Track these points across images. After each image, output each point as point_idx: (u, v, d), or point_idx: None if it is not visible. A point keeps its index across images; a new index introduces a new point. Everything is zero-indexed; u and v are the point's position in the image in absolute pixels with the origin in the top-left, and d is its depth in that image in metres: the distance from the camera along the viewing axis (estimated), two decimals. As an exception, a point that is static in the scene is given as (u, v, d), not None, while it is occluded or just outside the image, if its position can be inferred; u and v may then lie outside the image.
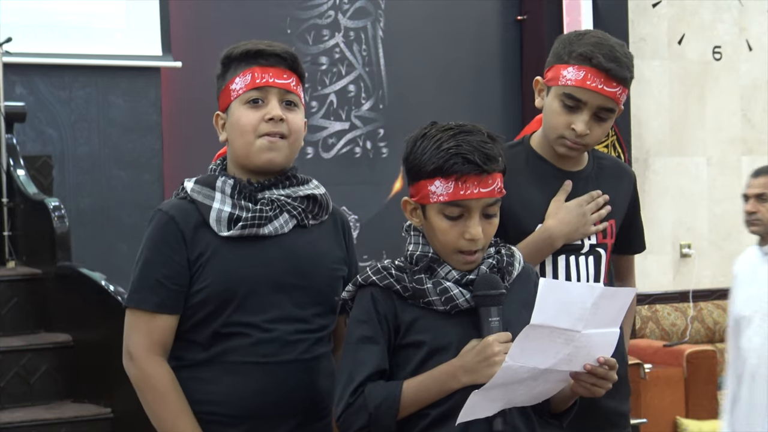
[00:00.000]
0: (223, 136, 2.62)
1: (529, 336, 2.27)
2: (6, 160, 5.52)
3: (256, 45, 2.59)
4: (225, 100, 2.60)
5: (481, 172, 2.36)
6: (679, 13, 7.63)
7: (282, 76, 2.58)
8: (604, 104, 2.80)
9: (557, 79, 2.82)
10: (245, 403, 2.51)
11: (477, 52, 7.11)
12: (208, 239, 2.52)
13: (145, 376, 2.51)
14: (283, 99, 2.58)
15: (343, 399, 2.38)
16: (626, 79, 2.82)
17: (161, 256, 2.51)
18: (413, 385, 2.37)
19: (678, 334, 7.31)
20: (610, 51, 2.80)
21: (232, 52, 2.60)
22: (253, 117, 2.55)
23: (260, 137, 2.55)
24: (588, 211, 2.86)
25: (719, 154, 7.77)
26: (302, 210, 2.59)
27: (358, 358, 2.39)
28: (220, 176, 2.58)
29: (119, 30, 6.17)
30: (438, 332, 2.39)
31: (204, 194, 2.56)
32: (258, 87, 2.56)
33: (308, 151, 6.61)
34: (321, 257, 2.61)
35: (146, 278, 2.52)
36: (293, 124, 2.58)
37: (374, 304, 2.40)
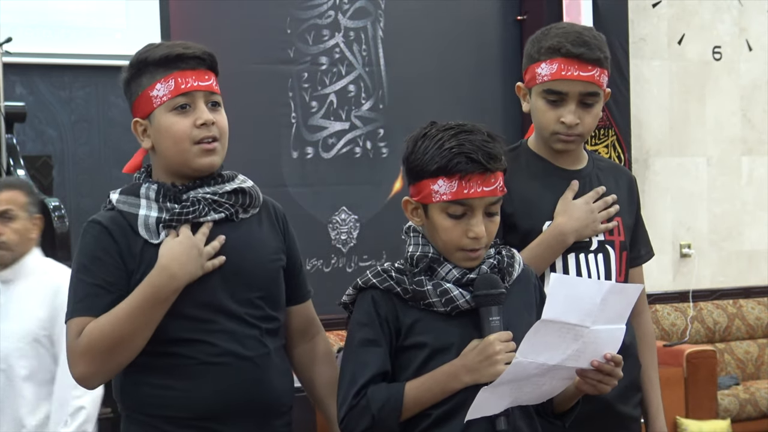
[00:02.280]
0: (147, 144, 2.60)
1: (539, 331, 2.28)
2: (6, 160, 5.52)
3: (173, 49, 2.54)
4: (145, 107, 2.56)
5: (484, 170, 2.37)
6: (679, 13, 7.63)
7: (204, 77, 2.55)
8: (585, 89, 2.81)
9: (534, 79, 2.84)
10: (198, 405, 2.49)
11: (477, 52, 7.11)
12: (141, 247, 2.50)
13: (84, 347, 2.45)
14: (208, 100, 2.56)
15: (345, 402, 2.39)
16: (600, 60, 2.81)
17: (101, 264, 2.49)
18: (415, 386, 2.37)
19: (678, 334, 7.31)
20: (578, 37, 2.80)
21: (147, 57, 2.55)
22: (184, 124, 2.53)
23: (196, 144, 2.53)
24: (596, 209, 2.86)
25: (719, 154, 7.77)
26: (230, 205, 2.57)
27: (360, 360, 2.39)
28: (144, 183, 2.57)
29: (119, 30, 6.17)
30: (439, 333, 2.39)
31: (129, 203, 2.55)
32: (183, 93, 2.53)
33: (308, 151, 6.61)
34: (256, 250, 2.59)
35: (88, 286, 2.49)
36: (221, 125, 2.57)
37: (375, 306, 2.41)
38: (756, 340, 7.59)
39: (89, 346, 2.45)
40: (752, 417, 6.96)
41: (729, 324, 7.53)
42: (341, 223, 6.71)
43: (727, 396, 6.90)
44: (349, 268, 6.66)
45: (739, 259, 7.82)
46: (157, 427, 2.51)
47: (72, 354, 2.48)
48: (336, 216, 6.69)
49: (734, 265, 7.81)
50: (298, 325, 2.72)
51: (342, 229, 6.71)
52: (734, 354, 7.45)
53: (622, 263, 2.93)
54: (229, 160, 2.67)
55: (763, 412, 6.99)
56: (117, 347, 2.45)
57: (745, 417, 6.92)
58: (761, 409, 6.98)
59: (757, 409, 6.97)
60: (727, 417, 6.79)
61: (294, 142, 6.55)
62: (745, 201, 7.85)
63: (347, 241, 6.72)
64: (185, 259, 2.44)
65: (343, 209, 6.72)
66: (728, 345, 7.48)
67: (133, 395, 2.54)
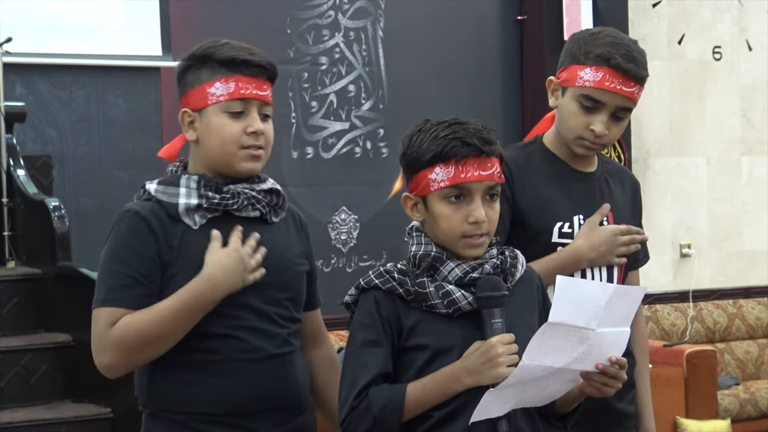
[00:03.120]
0: (192, 136, 2.60)
1: (545, 334, 2.28)
2: (6, 160, 5.53)
3: (240, 53, 2.56)
4: (198, 101, 2.57)
5: (479, 153, 2.38)
6: (679, 13, 7.62)
7: (263, 87, 2.59)
8: (622, 104, 2.80)
9: (574, 80, 2.81)
10: (230, 401, 2.51)
11: (477, 52, 7.11)
12: (177, 237, 2.52)
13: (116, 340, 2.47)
14: (261, 110, 2.59)
15: (347, 402, 2.38)
16: (643, 78, 2.82)
17: (137, 255, 2.50)
18: (417, 387, 2.37)
19: (678, 334, 7.31)
20: (627, 51, 2.79)
21: (213, 54, 2.56)
22: (235, 128, 2.55)
23: (242, 149, 2.56)
24: (620, 243, 2.83)
25: (719, 154, 7.77)
26: (266, 204, 2.60)
27: (361, 361, 2.39)
28: (183, 174, 2.59)
29: (119, 30, 6.17)
30: (441, 335, 2.39)
31: (169, 193, 2.56)
32: (241, 98, 2.55)
33: (308, 151, 6.61)
34: (286, 253, 2.62)
35: (121, 276, 2.50)
36: (269, 136, 2.61)
37: (377, 307, 2.40)
38: (756, 340, 7.58)
39: (122, 339, 2.47)
40: (752, 417, 6.96)
41: (729, 324, 7.53)
42: (341, 223, 6.71)
43: (727, 396, 6.90)
44: (349, 268, 6.66)
45: (739, 259, 7.82)
46: (184, 424, 2.52)
47: (101, 343, 2.50)
48: (336, 216, 6.69)
49: (734, 265, 7.81)
50: (310, 330, 2.76)
51: (342, 229, 6.71)
52: (734, 354, 7.45)
53: (622, 268, 2.93)
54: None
55: (763, 412, 6.99)
56: (150, 345, 2.47)
57: (745, 417, 6.91)
58: (761, 409, 6.98)
59: (757, 409, 6.97)
60: (727, 417, 6.79)
61: (294, 142, 6.55)
62: (745, 201, 7.84)
63: (347, 241, 6.72)
64: (230, 271, 2.47)
65: (343, 209, 6.72)
66: (728, 345, 7.47)
67: (161, 393, 2.55)
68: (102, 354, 2.51)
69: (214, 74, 2.55)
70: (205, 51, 2.58)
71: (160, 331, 2.46)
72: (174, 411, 2.53)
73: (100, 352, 2.52)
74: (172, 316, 2.46)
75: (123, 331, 2.47)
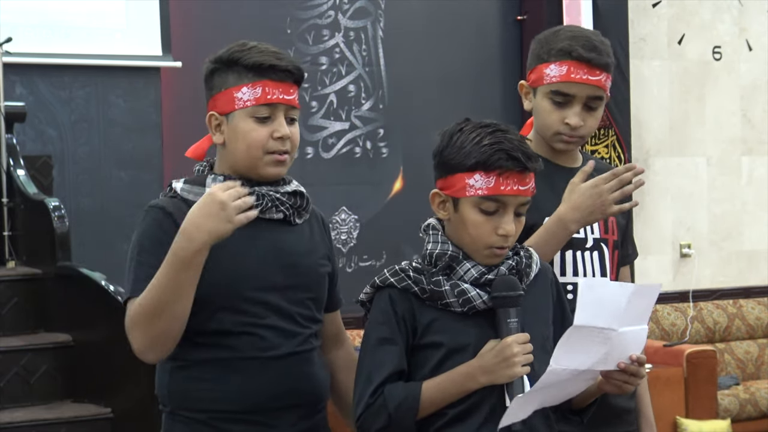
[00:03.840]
0: (219, 139, 2.61)
1: (571, 337, 2.31)
2: (6, 160, 5.53)
3: (268, 58, 2.57)
4: (225, 105, 2.58)
5: (523, 169, 2.40)
6: (679, 13, 7.63)
7: (289, 91, 2.59)
8: (592, 93, 2.84)
9: (542, 79, 2.87)
10: (250, 398, 2.52)
11: (477, 52, 7.11)
12: None
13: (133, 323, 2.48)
14: (288, 114, 2.60)
15: (362, 400, 2.40)
16: (608, 65, 2.85)
17: (161, 248, 2.49)
18: (432, 385, 2.39)
19: (678, 334, 7.31)
20: (588, 41, 2.83)
21: (240, 58, 2.57)
22: (262, 133, 2.56)
23: (268, 153, 2.57)
24: (606, 191, 2.74)
25: (719, 154, 7.77)
26: (290, 206, 2.61)
27: (376, 359, 2.41)
28: (209, 175, 2.60)
29: (119, 30, 6.17)
30: (456, 333, 2.40)
31: (195, 192, 2.57)
32: (268, 103, 2.56)
33: (308, 151, 6.61)
34: (309, 254, 2.64)
35: (148, 267, 2.50)
36: (295, 140, 2.61)
37: (392, 305, 2.42)
38: (756, 340, 7.59)
39: (133, 319, 2.48)
40: (752, 417, 6.96)
41: (729, 324, 7.53)
42: (341, 223, 6.71)
43: (727, 396, 6.90)
44: (349, 268, 6.66)
45: (739, 259, 7.82)
46: (204, 422, 2.53)
47: (129, 330, 2.51)
48: (336, 216, 6.69)
49: (734, 265, 7.81)
50: (331, 331, 2.77)
51: (342, 229, 6.71)
52: (734, 354, 7.45)
53: (614, 261, 2.94)
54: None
55: (763, 412, 6.99)
56: (156, 315, 2.45)
57: (745, 417, 6.92)
58: (761, 409, 6.98)
59: (757, 409, 6.97)
60: (727, 417, 6.79)
61: (294, 142, 6.54)
62: (745, 201, 7.85)
63: (347, 241, 6.72)
64: (203, 219, 2.41)
65: (343, 209, 6.72)
66: (728, 345, 7.48)
67: (181, 391, 2.55)
68: (133, 340, 2.51)
69: (241, 79, 2.56)
70: (232, 54, 2.59)
71: (158, 299, 2.44)
72: (194, 409, 2.54)
73: (131, 338, 2.52)
74: (161, 281, 2.44)
75: (132, 312, 2.48)
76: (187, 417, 2.55)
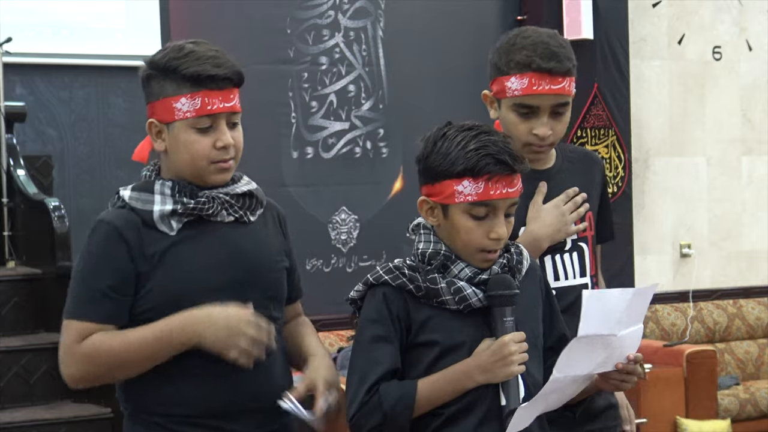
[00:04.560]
0: (161, 146, 2.58)
1: (574, 348, 2.33)
2: (6, 160, 5.53)
3: (205, 68, 2.51)
4: (165, 114, 2.53)
5: (511, 172, 2.40)
6: (679, 13, 7.62)
7: (230, 98, 2.55)
8: (557, 101, 2.81)
9: (504, 92, 2.83)
10: (205, 403, 2.50)
11: (477, 52, 7.08)
12: (153, 246, 2.51)
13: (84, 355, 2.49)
14: (229, 120, 2.57)
15: (356, 398, 2.39)
16: (570, 70, 2.81)
17: (107, 268, 2.49)
18: (428, 384, 2.38)
19: (678, 334, 7.31)
20: (546, 49, 2.78)
21: (177, 67, 2.51)
22: (205, 144, 2.52)
23: (212, 163, 2.54)
24: (566, 211, 2.85)
25: (719, 154, 7.77)
26: (239, 207, 2.58)
27: (371, 357, 2.40)
28: (158, 180, 2.57)
29: (119, 30, 6.18)
30: (451, 331, 2.40)
31: (143, 200, 2.55)
32: (208, 114, 2.52)
33: (308, 151, 6.60)
34: (265, 252, 2.62)
35: (91, 290, 2.50)
36: (239, 144, 2.58)
37: (386, 303, 2.41)
38: (756, 340, 7.58)
39: (90, 357, 2.48)
40: (752, 417, 6.96)
41: (729, 324, 7.53)
42: (341, 223, 6.71)
43: (727, 396, 6.90)
44: (348, 268, 6.66)
45: (739, 259, 7.82)
46: (162, 425, 2.52)
47: (70, 355, 2.51)
48: (336, 216, 6.69)
49: (734, 265, 7.81)
50: (291, 316, 2.76)
51: (342, 229, 6.70)
52: (734, 354, 7.45)
53: (595, 257, 2.95)
54: (229, 160, 2.66)
55: (763, 412, 6.99)
56: (118, 369, 2.50)
57: (745, 417, 6.91)
58: (761, 409, 6.98)
59: (757, 409, 6.97)
60: (727, 417, 6.79)
61: (294, 142, 6.55)
62: (745, 201, 7.84)
63: (347, 241, 6.72)
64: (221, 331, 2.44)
65: (343, 209, 6.72)
66: (728, 345, 7.47)
67: (139, 395, 2.54)
68: (69, 366, 2.53)
69: (179, 89, 2.51)
70: (169, 62, 2.53)
71: (127, 359, 2.47)
72: (152, 412, 2.53)
73: (67, 363, 2.53)
74: (143, 346, 2.46)
75: (92, 349, 2.48)
76: (147, 420, 2.54)
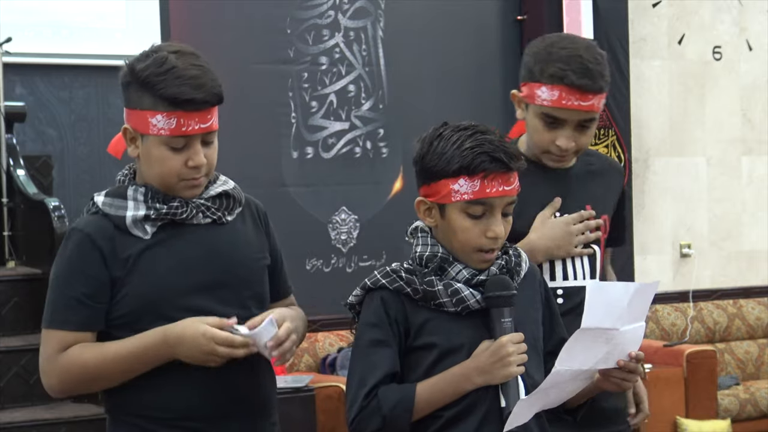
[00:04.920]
0: (134, 152, 2.56)
1: (577, 340, 2.32)
2: (6, 160, 5.53)
3: (184, 90, 2.46)
4: (139, 126, 2.51)
5: (507, 170, 2.39)
6: (679, 13, 7.62)
7: (206, 118, 2.51)
8: (584, 117, 2.81)
9: (533, 98, 2.82)
10: (186, 405, 2.50)
11: (477, 52, 7.10)
12: (127, 251, 2.50)
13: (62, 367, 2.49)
14: (204, 139, 2.53)
15: (356, 403, 2.38)
16: (602, 88, 2.81)
17: (81, 276, 2.50)
18: (427, 387, 2.38)
19: (678, 334, 7.31)
20: (581, 64, 2.77)
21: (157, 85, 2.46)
22: (176, 163, 2.50)
23: (182, 180, 2.52)
24: (575, 231, 2.84)
25: (719, 154, 7.77)
26: (216, 209, 2.57)
27: (369, 361, 2.39)
28: (131, 185, 2.56)
29: (119, 30, 6.17)
30: (449, 334, 2.40)
31: (116, 206, 2.54)
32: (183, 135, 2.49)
33: (308, 151, 6.60)
34: (243, 251, 2.60)
35: (66, 298, 2.50)
36: (212, 161, 2.55)
37: (384, 307, 2.40)
38: (756, 340, 7.59)
39: (68, 371, 2.50)
40: (752, 417, 6.96)
41: (729, 324, 7.53)
42: (341, 223, 6.71)
43: (727, 396, 6.90)
44: (348, 268, 6.66)
45: (739, 259, 7.82)
46: (144, 427, 2.52)
47: (49, 366, 2.52)
48: (336, 216, 6.69)
49: (734, 265, 7.81)
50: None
51: (342, 229, 6.70)
52: (734, 354, 7.45)
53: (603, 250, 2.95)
54: (229, 160, 2.67)
55: (763, 412, 6.99)
56: (94, 382, 2.53)
57: (745, 417, 6.92)
58: (761, 409, 6.98)
59: (757, 409, 6.97)
60: (727, 417, 6.79)
61: (294, 142, 6.55)
62: (745, 201, 7.84)
63: (347, 241, 6.72)
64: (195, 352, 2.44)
65: (343, 209, 6.72)
66: (728, 345, 7.48)
67: (121, 396, 2.54)
68: (47, 377, 2.54)
69: (156, 105, 2.48)
70: (148, 78, 2.49)
71: (103, 372, 2.49)
72: (134, 414, 2.53)
73: (46, 374, 2.54)
74: (118, 361, 2.48)
75: (69, 362, 2.49)
76: (128, 422, 2.54)
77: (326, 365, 6.19)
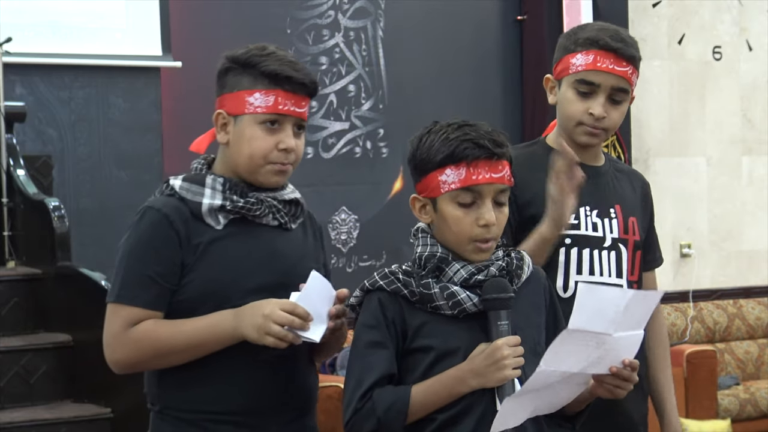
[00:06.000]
0: (224, 138, 2.59)
1: (564, 340, 2.29)
2: (6, 160, 5.52)
3: (285, 68, 2.54)
4: (235, 107, 2.56)
5: (491, 156, 2.38)
6: (679, 13, 7.63)
7: (301, 104, 2.58)
8: (617, 84, 2.85)
9: (567, 69, 2.86)
10: (238, 400, 2.52)
11: (477, 52, 7.11)
12: (198, 238, 2.52)
13: (132, 341, 2.49)
14: (296, 125, 2.59)
15: (351, 404, 2.38)
16: (635, 58, 2.87)
17: (155, 254, 2.50)
18: (422, 389, 2.37)
19: (678, 334, 7.31)
20: (616, 33, 2.86)
21: (258, 63, 2.55)
22: (268, 143, 2.54)
23: (270, 163, 2.56)
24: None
25: (719, 154, 7.77)
26: (285, 213, 2.61)
27: (366, 362, 2.39)
28: (209, 174, 2.58)
29: (119, 30, 6.17)
30: (446, 336, 2.39)
31: (193, 191, 2.55)
32: (279, 113, 2.54)
33: (308, 151, 6.60)
34: (303, 258, 2.63)
35: (138, 275, 2.50)
36: (299, 152, 2.60)
37: (382, 309, 2.40)
38: (756, 340, 7.59)
39: (139, 345, 2.49)
40: (752, 417, 6.96)
41: (729, 324, 7.53)
42: (341, 223, 6.71)
43: (727, 396, 6.90)
44: (349, 268, 6.66)
45: (739, 259, 7.82)
46: (192, 422, 2.53)
47: (117, 340, 2.51)
48: (336, 216, 6.69)
49: (734, 265, 7.81)
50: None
51: (342, 229, 6.71)
52: (734, 354, 7.46)
53: (635, 262, 2.93)
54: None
55: (763, 412, 6.99)
56: (164, 358, 2.50)
57: (745, 417, 6.92)
58: (761, 409, 6.98)
59: (757, 409, 6.97)
60: (727, 417, 6.79)
61: (294, 142, 6.54)
62: (745, 201, 7.85)
63: (347, 241, 6.72)
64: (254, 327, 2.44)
65: (343, 209, 6.72)
66: (728, 345, 7.48)
67: (171, 390, 2.55)
68: (115, 351, 2.52)
69: (255, 83, 2.54)
70: (250, 58, 2.56)
71: (176, 347, 2.48)
72: (183, 409, 2.54)
73: (114, 348, 2.52)
74: (191, 335, 2.48)
75: (141, 335, 2.49)
76: (175, 417, 2.55)
77: (326, 365, 6.19)
